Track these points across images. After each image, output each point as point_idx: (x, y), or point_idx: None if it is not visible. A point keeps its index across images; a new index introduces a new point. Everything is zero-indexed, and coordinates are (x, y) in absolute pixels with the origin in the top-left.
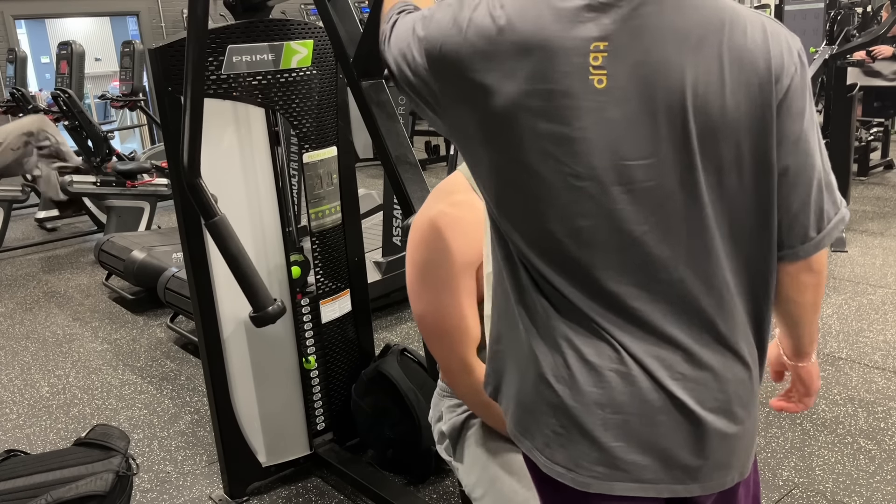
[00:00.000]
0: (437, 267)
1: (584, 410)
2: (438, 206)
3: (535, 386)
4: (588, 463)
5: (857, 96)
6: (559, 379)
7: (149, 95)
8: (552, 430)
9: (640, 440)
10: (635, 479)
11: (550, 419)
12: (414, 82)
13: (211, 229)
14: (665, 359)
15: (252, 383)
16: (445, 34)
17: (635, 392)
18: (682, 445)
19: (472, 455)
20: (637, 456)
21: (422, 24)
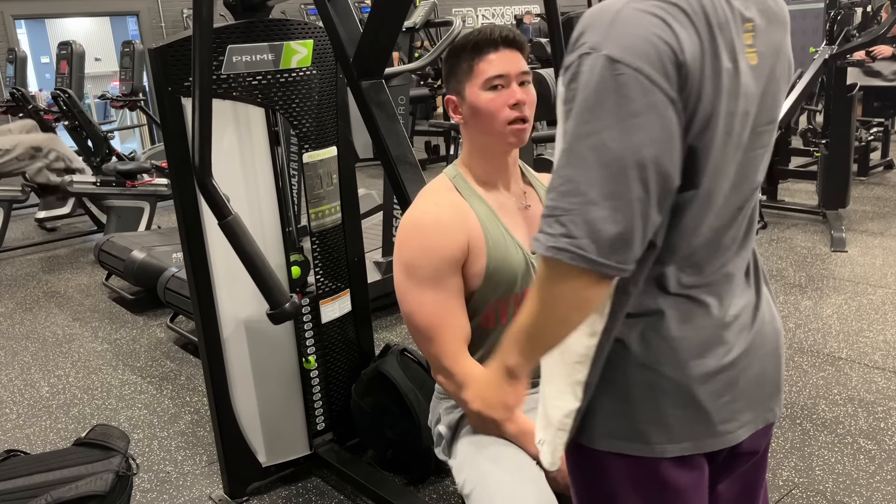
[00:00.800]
0: (421, 265)
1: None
2: (421, 207)
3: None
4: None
5: (857, 96)
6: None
7: (149, 95)
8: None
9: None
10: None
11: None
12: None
13: (224, 229)
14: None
15: (252, 383)
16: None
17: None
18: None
19: (462, 455)
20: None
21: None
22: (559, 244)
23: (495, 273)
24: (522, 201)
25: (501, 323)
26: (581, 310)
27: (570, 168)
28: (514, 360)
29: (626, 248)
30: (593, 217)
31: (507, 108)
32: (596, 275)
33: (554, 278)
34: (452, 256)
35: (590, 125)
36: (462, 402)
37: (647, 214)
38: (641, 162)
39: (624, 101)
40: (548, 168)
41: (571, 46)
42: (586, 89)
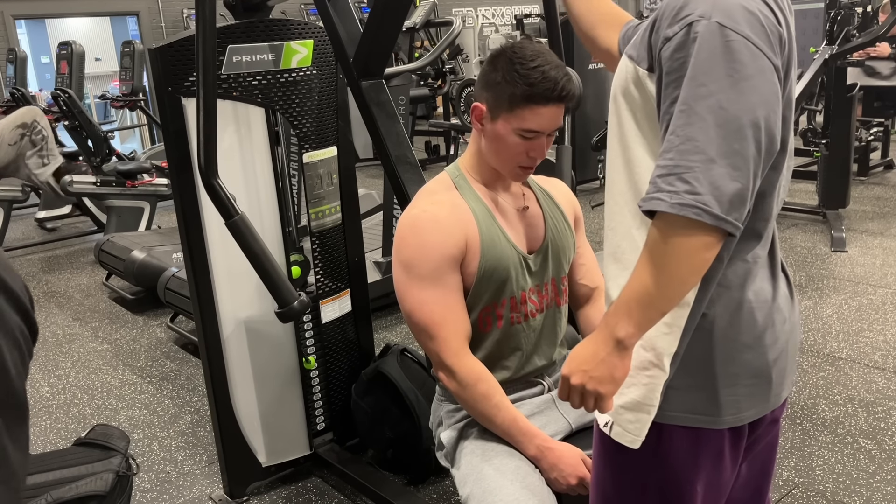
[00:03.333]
0: (420, 264)
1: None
2: (419, 206)
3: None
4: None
5: (857, 96)
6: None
7: (149, 95)
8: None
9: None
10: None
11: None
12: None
13: (231, 228)
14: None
15: (252, 383)
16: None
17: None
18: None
19: (466, 466)
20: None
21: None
22: (685, 200)
23: (488, 273)
24: (521, 202)
25: (498, 326)
26: (698, 271)
27: (689, 128)
28: (625, 331)
29: (742, 206)
30: (715, 174)
31: (526, 155)
32: (715, 233)
33: (674, 237)
34: (450, 254)
35: (706, 87)
36: (463, 400)
37: (758, 174)
38: (756, 122)
39: (737, 64)
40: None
41: (670, 19)
42: (700, 54)
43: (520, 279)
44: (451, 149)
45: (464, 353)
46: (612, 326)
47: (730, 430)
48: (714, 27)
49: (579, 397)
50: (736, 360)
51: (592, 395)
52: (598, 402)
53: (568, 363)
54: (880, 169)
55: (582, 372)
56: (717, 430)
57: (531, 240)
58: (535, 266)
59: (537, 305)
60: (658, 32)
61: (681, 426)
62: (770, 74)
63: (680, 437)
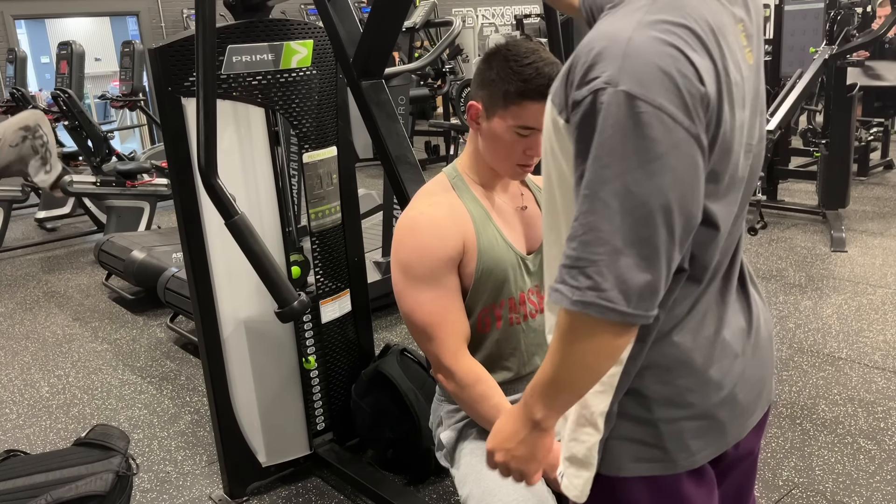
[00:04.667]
0: (417, 265)
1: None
2: (417, 208)
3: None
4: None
5: (857, 96)
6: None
7: (149, 95)
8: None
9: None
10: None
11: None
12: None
13: (231, 228)
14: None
15: (252, 383)
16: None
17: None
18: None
19: (465, 467)
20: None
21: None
22: (586, 298)
23: (486, 275)
24: (518, 203)
25: (497, 327)
26: (611, 358)
27: (592, 216)
28: (541, 413)
29: (653, 296)
30: (622, 266)
31: (522, 153)
32: (624, 325)
33: (580, 331)
34: (448, 256)
35: (610, 170)
36: (462, 400)
37: (672, 258)
38: (667, 206)
39: (646, 141)
40: None
41: (579, 79)
42: (604, 130)
43: (518, 280)
44: (450, 149)
45: (462, 353)
46: (530, 408)
47: (688, 473)
48: (621, 98)
49: (506, 472)
50: (677, 404)
51: (516, 472)
52: (524, 478)
53: (491, 438)
54: (880, 169)
55: (504, 451)
56: (674, 475)
57: (530, 240)
58: (533, 266)
59: (537, 306)
60: (570, 88)
61: (635, 477)
62: (687, 147)
63: (637, 488)
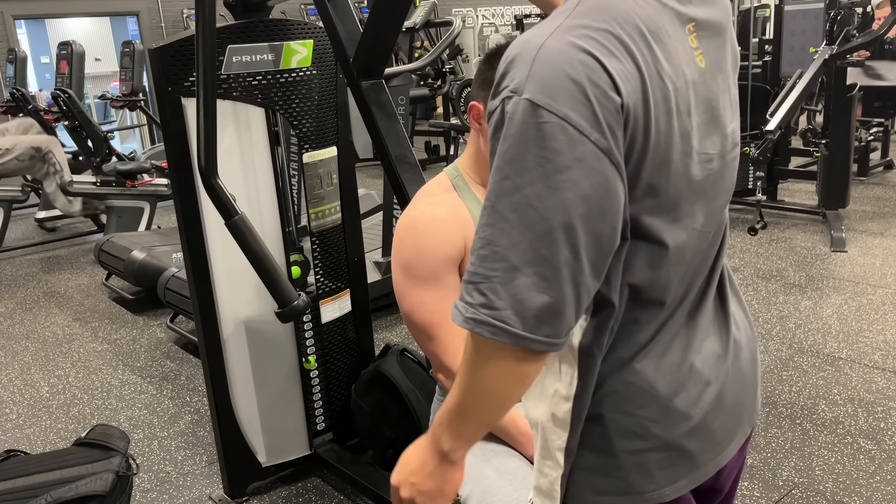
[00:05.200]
0: (418, 265)
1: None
2: (418, 207)
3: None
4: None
5: (857, 96)
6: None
7: (149, 95)
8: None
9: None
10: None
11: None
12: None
13: (231, 228)
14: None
15: (252, 383)
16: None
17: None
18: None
19: (466, 466)
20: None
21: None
22: (478, 316)
23: None
24: None
25: None
26: (519, 385)
27: (490, 229)
28: (449, 444)
29: (555, 320)
30: (518, 285)
31: None
32: (524, 350)
33: (479, 353)
34: (449, 255)
35: (511, 181)
36: None
37: (579, 281)
38: (569, 223)
39: (548, 153)
40: None
41: (494, 89)
42: (506, 139)
43: None
44: (451, 149)
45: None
46: (437, 438)
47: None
48: (525, 106)
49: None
50: (638, 435)
51: None
52: None
53: (397, 472)
54: (880, 169)
55: (410, 485)
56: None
57: None
58: None
59: None
60: (488, 101)
61: None
62: (594, 161)
63: None
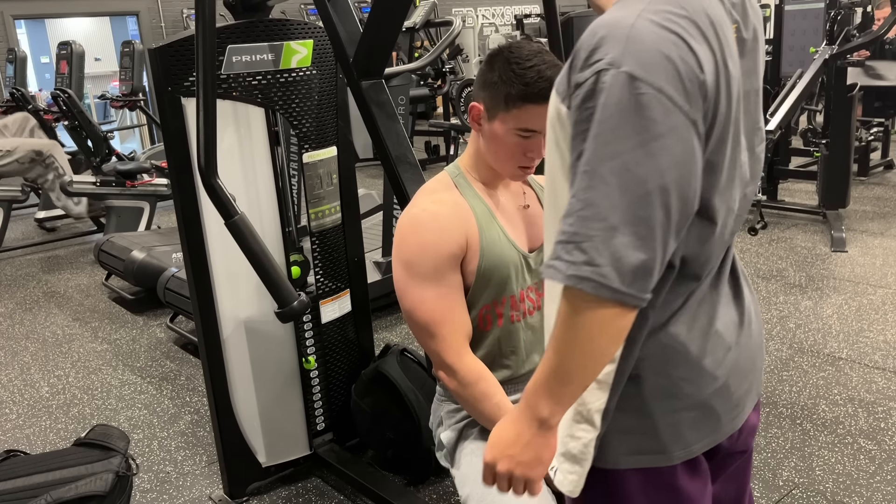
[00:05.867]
0: (420, 262)
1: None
2: (419, 205)
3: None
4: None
5: (857, 96)
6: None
7: (148, 95)
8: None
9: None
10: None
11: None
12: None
13: (231, 228)
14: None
15: (252, 383)
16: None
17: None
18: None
19: (466, 467)
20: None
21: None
22: (581, 272)
23: (488, 272)
24: (521, 201)
25: (498, 325)
26: (614, 342)
27: (591, 192)
28: (547, 410)
29: (648, 277)
30: (617, 244)
31: (524, 155)
32: (620, 304)
33: (581, 311)
34: (451, 253)
35: (611, 147)
36: (464, 399)
37: (667, 241)
38: (664, 186)
39: (646, 122)
40: None
41: (582, 62)
42: (606, 109)
43: (520, 278)
44: (451, 149)
45: (465, 351)
46: (534, 406)
47: (683, 465)
48: (623, 79)
49: (507, 483)
50: (673, 394)
51: (521, 481)
52: (528, 486)
53: (490, 448)
54: (880, 169)
55: (508, 458)
56: (669, 466)
57: (532, 238)
58: (535, 264)
59: (535, 303)
60: (573, 73)
61: (630, 469)
62: (685, 131)
63: (631, 480)
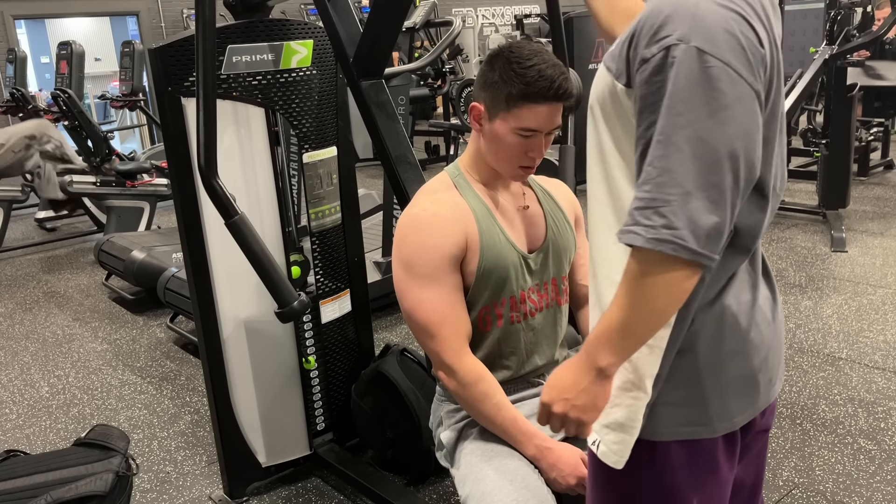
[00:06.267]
0: (420, 263)
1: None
2: (419, 205)
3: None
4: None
5: (857, 96)
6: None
7: (149, 95)
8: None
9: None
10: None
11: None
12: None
13: (231, 228)
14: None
15: (252, 383)
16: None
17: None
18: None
19: (465, 467)
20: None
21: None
22: (661, 235)
23: (487, 273)
24: (521, 202)
25: (498, 326)
26: (677, 302)
27: (666, 159)
28: (606, 360)
29: (719, 239)
30: (692, 208)
31: (525, 155)
32: (692, 266)
33: (651, 271)
34: (450, 253)
35: (683, 117)
36: (463, 399)
37: (735, 205)
38: (734, 153)
39: (715, 92)
40: (548, 171)
41: (648, 39)
42: (677, 81)
43: (520, 278)
44: (451, 149)
45: (464, 352)
46: (593, 356)
47: (723, 438)
48: (693, 52)
49: (560, 424)
50: (724, 367)
51: (574, 422)
52: (580, 428)
53: (548, 391)
54: (880, 169)
55: (564, 401)
56: (712, 439)
57: (532, 239)
58: (535, 265)
59: (537, 305)
60: (636, 50)
61: (675, 441)
62: (750, 102)
63: (675, 452)
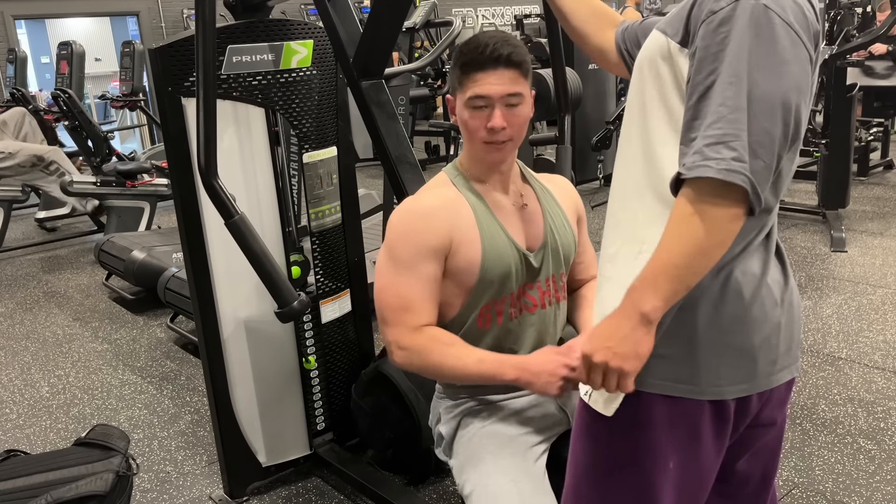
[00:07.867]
0: (401, 248)
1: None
2: (415, 197)
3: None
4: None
5: (857, 96)
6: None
7: (149, 95)
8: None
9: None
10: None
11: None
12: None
13: (231, 228)
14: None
15: (252, 383)
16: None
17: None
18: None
19: (463, 454)
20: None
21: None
22: (732, 167)
23: (490, 270)
24: (519, 200)
25: (497, 323)
26: (723, 244)
27: (734, 99)
28: (650, 305)
29: (764, 183)
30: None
31: (484, 129)
32: (744, 205)
33: (706, 205)
34: (431, 245)
35: (745, 64)
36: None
37: (780, 157)
38: (787, 105)
39: (778, 47)
40: (547, 168)
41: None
42: (746, 32)
43: (519, 276)
44: (451, 149)
45: (418, 332)
46: (637, 301)
47: (710, 406)
48: (761, 9)
49: (601, 376)
50: (721, 333)
51: (615, 372)
52: (621, 380)
53: (589, 341)
54: (880, 169)
55: (605, 349)
56: (696, 401)
57: (531, 237)
58: (535, 263)
59: (537, 302)
60: (701, 7)
61: (660, 395)
62: (805, 64)
63: (658, 405)
